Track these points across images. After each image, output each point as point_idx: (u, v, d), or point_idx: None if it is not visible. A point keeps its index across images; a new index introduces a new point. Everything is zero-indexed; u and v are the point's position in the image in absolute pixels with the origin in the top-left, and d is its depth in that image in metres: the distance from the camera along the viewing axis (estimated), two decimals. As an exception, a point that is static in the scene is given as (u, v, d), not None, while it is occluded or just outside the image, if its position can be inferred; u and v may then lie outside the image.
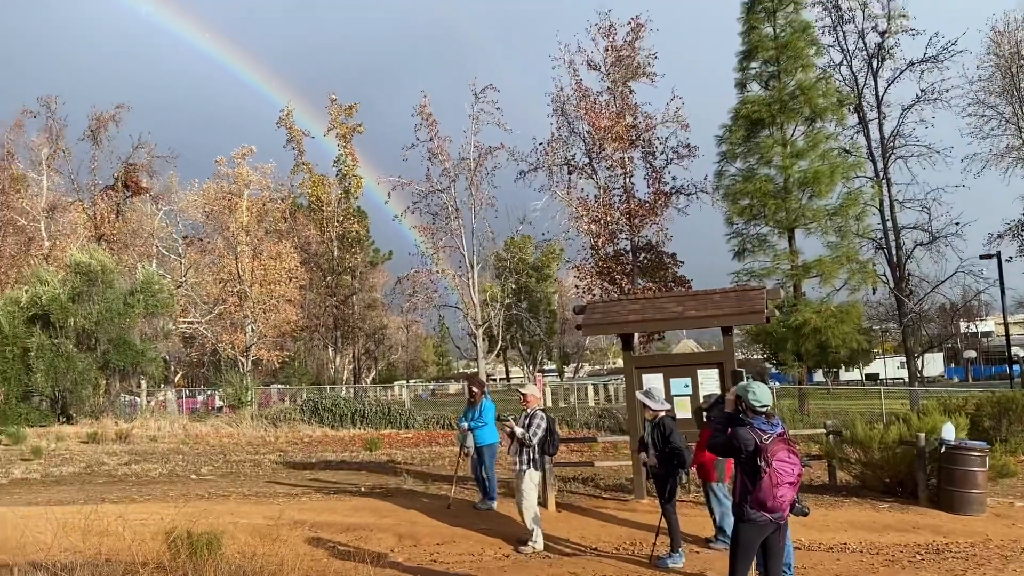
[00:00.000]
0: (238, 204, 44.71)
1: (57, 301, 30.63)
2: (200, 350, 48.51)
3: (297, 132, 51.85)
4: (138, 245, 45.21)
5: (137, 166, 44.96)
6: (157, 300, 33.60)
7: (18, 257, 41.22)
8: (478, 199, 35.63)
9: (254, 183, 45.76)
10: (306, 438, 24.54)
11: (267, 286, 43.97)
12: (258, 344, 43.62)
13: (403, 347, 72.65)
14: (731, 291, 12.87)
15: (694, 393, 11.57)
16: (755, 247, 28.99)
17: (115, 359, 32.03)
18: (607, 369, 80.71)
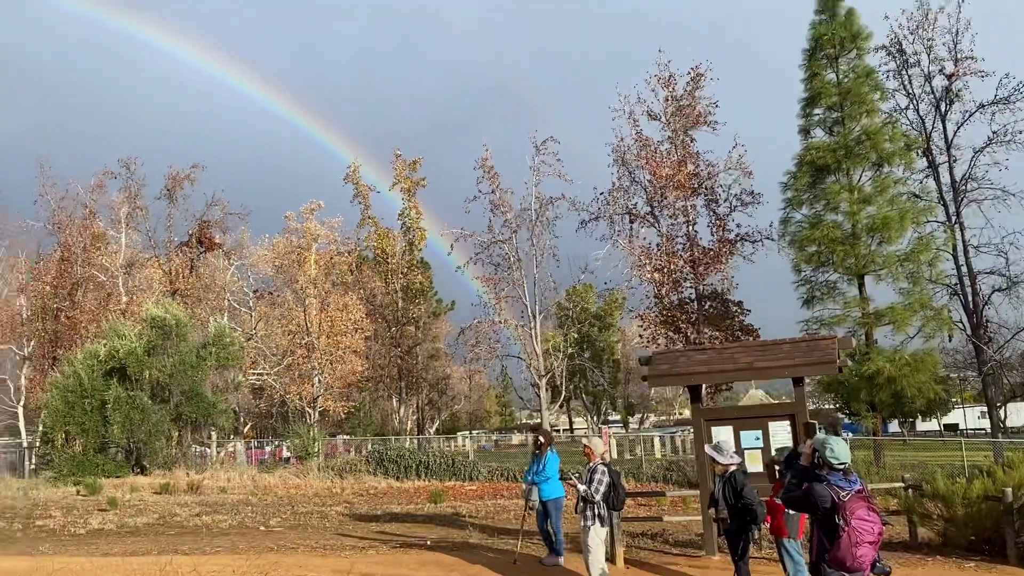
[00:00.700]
0: (306, 258, 45.83)
1: (134, 354, 31.58)
2: (269, 401, 49.36)
3: (363, 187, 53.12)
4: (211, 299, 46.51)
5: (211, 223, 46.44)
6: (228, 353, 34.41)
7: (97, 312, 42.71)
8: (540, 249, 35.89)
9: (322, 237, 46.92)
10: (372, 489, 24.62)
11: (334, 337, 44.75)
12: (325, 395, 44.22)
13: (466, 397, 72.70)
14: (801, 340, 12.62)
15: (765, 446, 11.30)
16: (824, 295, 28.42)
17: (187, 411, 32.78)
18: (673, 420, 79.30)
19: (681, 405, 76.20)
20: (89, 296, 44.23)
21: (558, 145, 36.07)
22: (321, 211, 47.14)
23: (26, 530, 16.55)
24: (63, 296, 43.68)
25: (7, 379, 51.47)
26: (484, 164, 36.60)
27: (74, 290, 43.95)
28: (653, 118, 33.81)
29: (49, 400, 32.19)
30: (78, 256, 44.00)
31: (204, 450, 39.62)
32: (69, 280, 43.67)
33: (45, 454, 32.48)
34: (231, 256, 48.22)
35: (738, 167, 32.42)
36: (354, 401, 50.47)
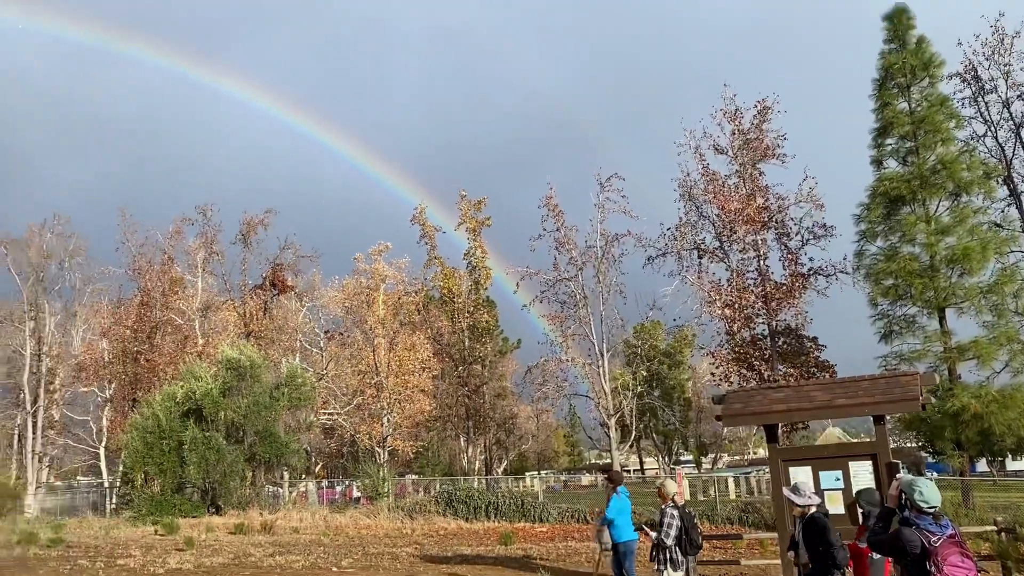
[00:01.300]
0: (375, 298, 46.53)
1: (210, 396, 32.34)
2: (339, 441, 49.93)
3: (430, 228, 53.84)
4: (283, 340, 47.48)
5: (283, 266, 47.57)
6: (300, 393, 34.97)
7: (175, 354, 43.97)
8: (606, 286, 35.69)
9: (390, 278, 47.64)
10: (441, 530, 24.53)
11: (402, 377, 45.14)
12: (394, 434, 44.50)
13: (533, 437, 72.25)
14: (881, 377, 12.18)
15: (846, 487, 10.88)
16: (903, 329, 27.46)
17: (261, 451, 33.33)
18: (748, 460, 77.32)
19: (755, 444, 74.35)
20: (167, 339, 45.59)
21: (623, 182, 36.04)
22: (389, 252, 48.02)
23: (108, 569, 16.92)
24: (143, 339, 45.10)
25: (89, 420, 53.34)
26: (548, 202, 36.73)
27: (153, 333, 45.34)
28: (720, 152, 33.49)
29: (129, 441, 33.12)
30: (157, 300, 45.48)
31: (277, 490, 40.16)
32: (148, 324, 45.09)
33: (125, 494, 33.34)
34: (303, 298, 49.26)
35: (809, 200, 31.76)
36: (422, 440, 50.69)
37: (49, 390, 49.72)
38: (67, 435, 54.05)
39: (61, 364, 51.39)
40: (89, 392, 51.86)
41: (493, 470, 58.47)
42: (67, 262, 50.24)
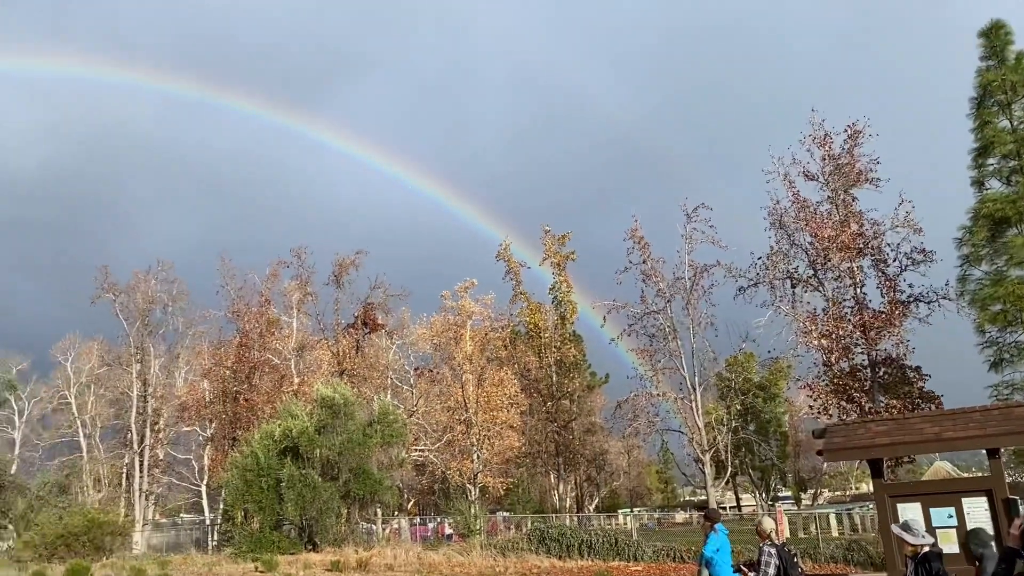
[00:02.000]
0: (462, 335, 46.94)
1: (306, 434, 33.05)
2: (430, 478, 50.22)
3: (514, 264, 54.22)
4: (375, 378, 48.31)
5: (374, 305, 48.55)
6: (392, 430, 35.39)
7: (272, 393, 45.21)
8: (696, 319, 35.05)
9: (476, 314, 48.01)
10: (534, 568, 24.29)
11: (490, 413, 45.22)
12: (484, 471, 44.50)
13: (625, 473, 71.15)
14: (994, 408, 11.56)
15: (960, 524, 10.31)
16: (1015, 356, 26.05)
17: (355, 488, 33.78)
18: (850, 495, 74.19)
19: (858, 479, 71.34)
20: (265, 379, 46.93)
21: (710, 212, 35.53)
22: (475, 289, 48.45)
23: (210, 604, 17.35)
24: (242, 379, 46.55)
25: (192, 459, 55.23)
26: (634, 235, 36.47)
27: (251, 373, 46.75)
28: (810, 178, 32.64)
29: (229, 479, 34.06)
30: (255, 341, 46.96)
31: (370, 527, 40.58)
32: (247, 364, 46.53)
33: (226, 531, 34.23)
34: (393, 336, 50.11)
35: (906, 224, 30.58)
36: (512, 477, 50.53)
37: (154, 430, 51.79)
38: (171, 473, 56.10)
39: (165, 405, 53.53)
40: (191, 431, 53.79)
41: (585, 507, 57.78)
42: (170, 307, 52.64)
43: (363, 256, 48.94)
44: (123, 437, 56.69)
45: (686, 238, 35.43)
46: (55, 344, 60.46)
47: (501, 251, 54.19)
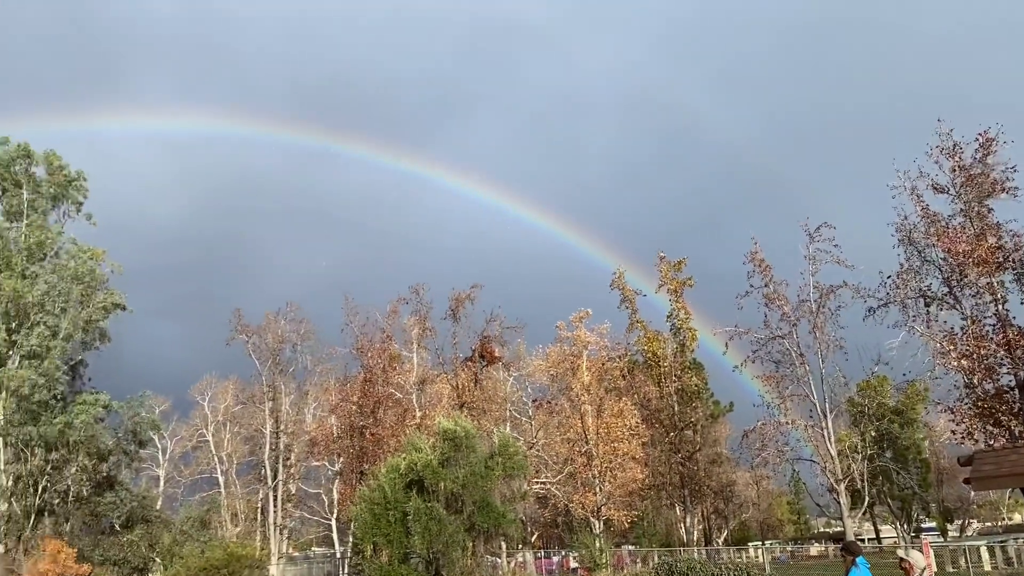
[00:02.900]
0: (579, 365, 46.73)
1: (430, 467, 33.43)
2: (553, 510, 49.93)
3: (629, 292, 53.73)
4: (493, 410, 48.65)
5: (491, 337, 48.99)
6: (513, 462, 35.33)
7: (396, 427, 46.17)
8: (823, 342, 33.69)
9: (592, 344, 47.77)
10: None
11: (611, 444, 44.68)
12: (608, 504, 43.90)
13: (754, 505, 68.81)
14: None
15: None
16: None
17: (479, 521, 33.85)
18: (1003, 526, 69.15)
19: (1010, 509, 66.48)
20: (389, 413, 48.00)
21: (833, 230, 34.24)
22: (590, 319, 48.26)
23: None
24: (367, 414, 47.76)
25: (322, 493, 56.96)
26: (754, 257, 35.53)
27: (376, 408, 47.91)
28: (940, 191, 31.00)
29: (358, 512, 34.80)
30: (378, 377, 48.18)
31: (495, 560, 40.61)
32: (372, 399, 47.74)
33: (356, 564, 34.99)
34: (510, 368, 50.42)
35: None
36: (637, 510, 49.66)
37: (286, 465, 53.78)
38: (303, 508, 58.03)
39: (296, 440, 55.56)
40: (321, 466, 55.56)
41: (713, 540, 56.14)
42: (299, 345, 54.87)
43: (478, 290, 49.60)
44: (257, 473, 59.13)
45: (809, 258, 34.25)
46: (193, 385, 64.00)
47: (615, 280, 53.83)
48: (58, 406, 40.88)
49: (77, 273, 42.25)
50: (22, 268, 41.74)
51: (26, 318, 41.03)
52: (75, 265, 42.56)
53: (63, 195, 44.66)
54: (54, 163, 44.55)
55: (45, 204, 44.17)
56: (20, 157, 43.74)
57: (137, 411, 45.57)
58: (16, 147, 43.76)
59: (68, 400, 42.01)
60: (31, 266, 42.09)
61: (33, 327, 40.71)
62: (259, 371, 54.39)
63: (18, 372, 39.43)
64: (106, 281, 44.00)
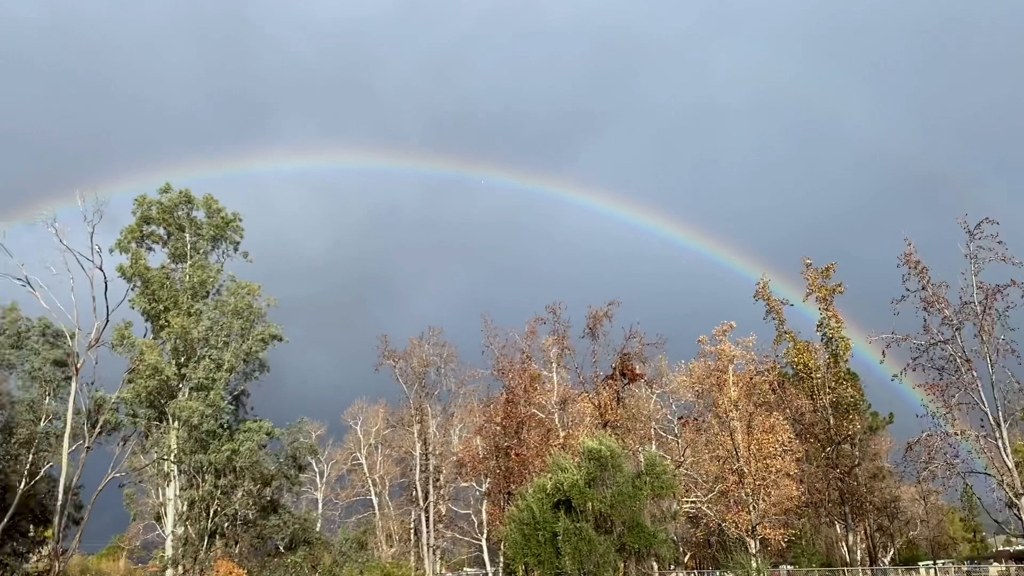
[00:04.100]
0: (725, 380, 45.41)
1: (576, 487, 33.35)
2: (705, 530, 48.61)
3: (775, 302, 51.83)
4: (638, 429, 47.98)
5: (630, 355, 48.48)
6: (662, 482, 34.75)
7: (541, 447, 46.29)
8: (992, 346, 31.26)
9: (738, 357, 46.35)
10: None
11: (763, 461, 43.09)
12: (763, 522, 42.31)
13: (922, 522, 64.47)
14: None
15: None
16: None
17: (630, 541, 33.42)
18: None
19: None
20: (532, 433, 48.21)
21: (996, 226, 31.82)
22: (733, 332, 46.88)
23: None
24: (511, 434, 48.17)
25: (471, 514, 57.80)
26: (908, 259, 33.49)
27: (519, 428, 48.25)
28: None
29: (508, 533, 35.10)
30: (520, 397, 48.53)
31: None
32: (515, 419, 48.12)
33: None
34: (653, 385, 49.65)
35: None
36: (794, 528, 47.59)
37: (436, 486, 54.94)
38: (453, 528, 59.05)
39: (444, 462, 56.74)
40: (469, 487, 56.43)
41: (878, 559, 53.02)
42: (442, 368, 56.21)
43: (615, 307, 49.25)
44: (409, 494, 60.73)
45: (971, 257, 31.94)
46: (346, 409, 66.62)
47: (759, 290, 52.05)
48: (225, 434, 43.43)
49: (237, 308, 44.90)
50: (188, 306, 44.80)
51: (193, 352, 43.93)
52: (235, 301, 45.25)
53: (222, 236, 47.67)
54: (212, 206, 47.70)
55: (206, 245, 47.29)
56: (182, 203, 47.10)
57: (296, 437, 47.81)
58: (178, 194, 47.17)
59: (234, 428, 44.57)
60: (195, 303, 45.11)
61: (199, 361, 43.55)
62: (406, 394, 56.14)
63: (188, 403, 42.22)
64: (263, 314, 46.50)
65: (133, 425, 44.89)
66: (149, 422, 44.12)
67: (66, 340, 45.05)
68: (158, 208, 46.70)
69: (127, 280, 45.32)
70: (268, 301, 46.97)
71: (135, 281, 45.31)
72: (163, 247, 47.39)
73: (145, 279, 45.19)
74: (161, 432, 43.79)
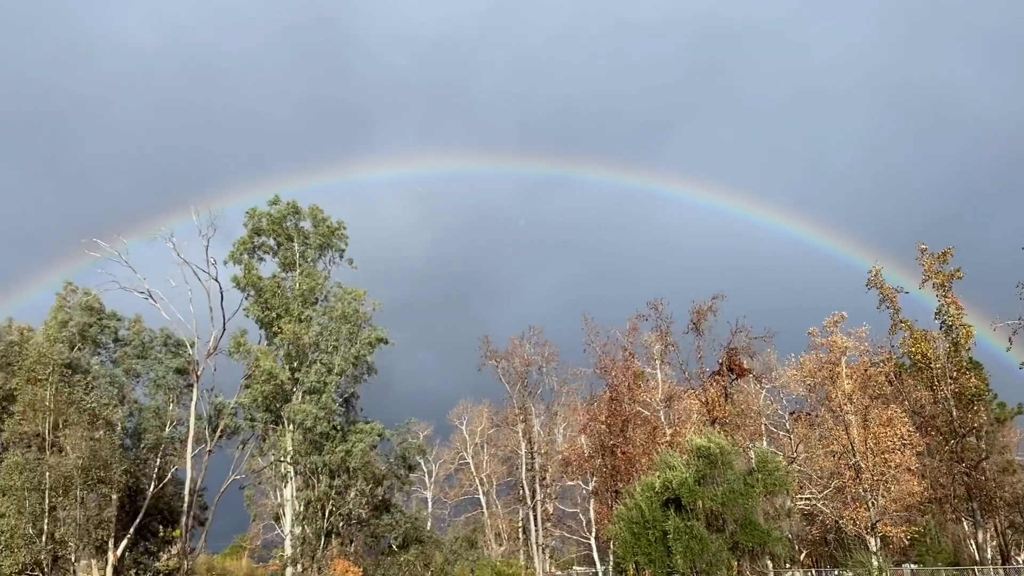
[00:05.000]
0: (838, 373, 43.86)
1: (686, 485, 32.87)
2: (821, 527, 47.09)
3: (889, 290, 49.65)
4: (747, 425, 46.87)
5: (737, 349, 47.36)
6: (774, 478, 33.87)
7: (647, 445, 45.81)
8: None
9: (850, 349, 44.71)
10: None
11: (881, 455, 41.41)
12: (882, 520, 40.67)
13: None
14: None
15: None
16: None
17: (743, 540, 32.72)
18: None
19: None
20: (638, 431, 47.75)
21: None
22: (845, 322, 45.17)
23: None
24: (616, 432, 47.84)
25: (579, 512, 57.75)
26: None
27: (624, 426, 47.86)
28: None
29: (617, 532, 34.90)
30: (624, 395, 48.15)
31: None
32: (619, 417, 47.77)
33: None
34: (761, 380, 48.42)
35: None
36: (917, 525, 45.55)
37: (543, 485, 55.12)
38: (561, 527, 59.13)
39: (549, 461, 56.87)
40: (575, 485, 56.38)
41: (1011, 558, 50.15)
42: (544, 368, 56.37)
43: (720, 301, 48.16)
44: (516, 493, 61.14)
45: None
46: (451, 410, 67.65)
47: (871, 278, 49.93)
48: (337, 436, 44.82)
49: (344, 313, 46.28)
50: (298, 313, 46.43)
51: (304, 357, 45.51)
52: (342, 306, 46.66)
53: (328, 244, 49.25)
54: (318, 216, 49.33)
55: (313, 253, 48.95)
56: (290, 214, 48.89)
57: (404, 437, 48.91)
58: (286, 205, 48.97)
59: (346, 430, 45.94)
60: (305, 310, 46.72)
61: (311, 365, 45.09)
62: (509, 394, 56.45)
63: (301, 407, 43.77)
64: (369, 319, 47.77)
65: (251, 429, 46.92)
66: (266, 425, 45.96)
67: (186, 349, 47.55)
68: (268, 220, 48.63)
69: (241, 290, 47.42)
70: (373, 305, 48.22)
71: (248, 290, 47.34)
72: (273, 257, 49.34)
73: (258, 288, 47.12)
74: (277, 435, 45.54)
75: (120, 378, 47.51)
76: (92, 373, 45.83)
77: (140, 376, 48.95)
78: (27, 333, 47.90)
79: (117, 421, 45.70)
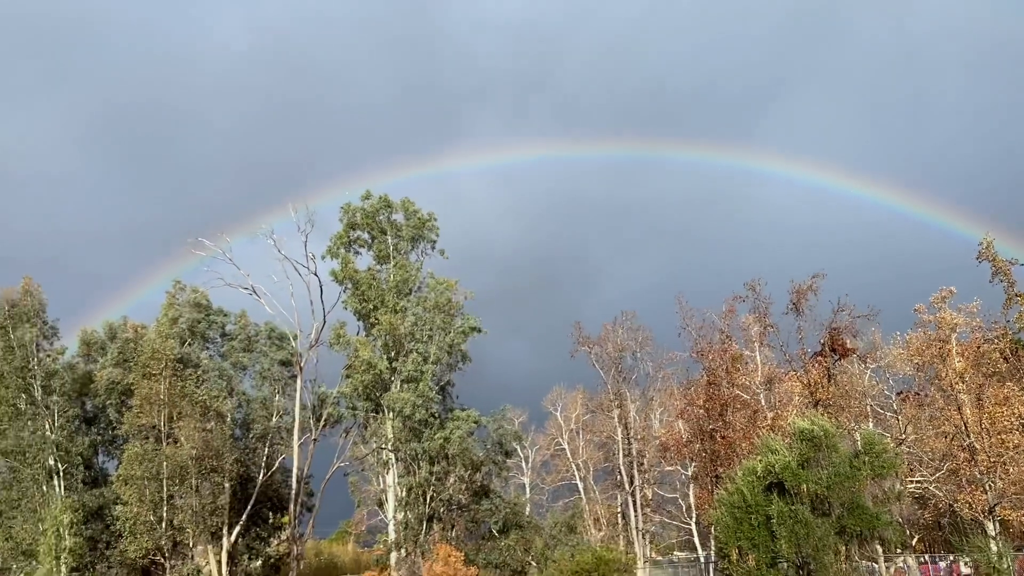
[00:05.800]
0: (948, 350, 42.05)
1: (788, 468, 32.11)
2: (934, 511, 45.33)
3: (1002, 263, 47.09)
4: (852, 407, 45.39)
5: (839, 329, 45.83)
6: (882, 461, 32.74)
7: (748, 429, 44.92)
8: None
9: (960, 325, 42.78)
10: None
11: (997, 436, 39.55)
12: (1002, 503, 38.85)
13: None
14: None
15: None
16: None
17: (850, 524, 31.78)
18: None
19: None
20: (738, 415, 46.86)
21: None
22: (954, 297, 43.20)
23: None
24: (715, 417, 47.06)
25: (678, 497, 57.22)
26: None
27: (723, 411, 47.03)
28: None
29: (719, 517, 34.40)
30: (722, 378, 47.29)
31: (872, 565, 37.84)
32: (718, 402, 46.95)
33: (723, 568, 34.57)
34: (866, 360, 46.81)
35: None
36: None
37: (641, 470, 54.82)
38: (661, 512, 58.70)
39: (647, 446, 56.46)
40: (674, 471, 55.84)
41: None
42: (638, 353, 55.86)
43: (820, 280, 46.57)
44: (614, 479, 60.97)
45: None
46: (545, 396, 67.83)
47: (982, 250, 47.45)
48: (436, 423, 45.65)
49: (437, 303, 47.02)
50: (393, 303, 47.43)
51: (401, 347, 46.48)
52: (435, 296, 47.42)
53: (419, 236, 50.09)
54: (409, 208, 50.21)
55: (406, 246, 49.89)
56: (382, 208, 49.94)
57: (500, 424, 49.41)
58: (378, 199, 50.04)
59: (443, 417, 46.75)
60: (400, 301, 47.69)
61: (408, 355, 46.03)
62: (603, 380, 56.20)
63: (400, 395, 44.77)
64: (461, 308, 48.40)
65: (353, 417, 48.36)
66: (367, 414, 47.23)
67: (289, 342, 49.35)
68: (361, 214, 49.82)
69: (339, 283, 48.81)
70: (465, 295, 48.80)
71: (346, 283, 48.67)
72: (368, 250, 50.54)
73: (355, 281, 48.37)
74: (378, 423, 46.70)
75: (228, 371, 49.72)
76: (202, 367, 48.06)
77: (247, 369, 51.11)
78: (141, 330, 50.56)
79: (227, 412, 47.84)
